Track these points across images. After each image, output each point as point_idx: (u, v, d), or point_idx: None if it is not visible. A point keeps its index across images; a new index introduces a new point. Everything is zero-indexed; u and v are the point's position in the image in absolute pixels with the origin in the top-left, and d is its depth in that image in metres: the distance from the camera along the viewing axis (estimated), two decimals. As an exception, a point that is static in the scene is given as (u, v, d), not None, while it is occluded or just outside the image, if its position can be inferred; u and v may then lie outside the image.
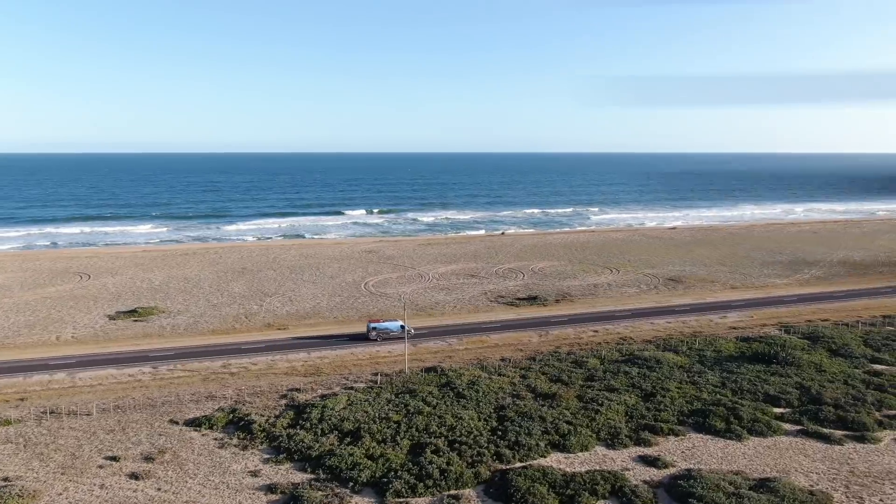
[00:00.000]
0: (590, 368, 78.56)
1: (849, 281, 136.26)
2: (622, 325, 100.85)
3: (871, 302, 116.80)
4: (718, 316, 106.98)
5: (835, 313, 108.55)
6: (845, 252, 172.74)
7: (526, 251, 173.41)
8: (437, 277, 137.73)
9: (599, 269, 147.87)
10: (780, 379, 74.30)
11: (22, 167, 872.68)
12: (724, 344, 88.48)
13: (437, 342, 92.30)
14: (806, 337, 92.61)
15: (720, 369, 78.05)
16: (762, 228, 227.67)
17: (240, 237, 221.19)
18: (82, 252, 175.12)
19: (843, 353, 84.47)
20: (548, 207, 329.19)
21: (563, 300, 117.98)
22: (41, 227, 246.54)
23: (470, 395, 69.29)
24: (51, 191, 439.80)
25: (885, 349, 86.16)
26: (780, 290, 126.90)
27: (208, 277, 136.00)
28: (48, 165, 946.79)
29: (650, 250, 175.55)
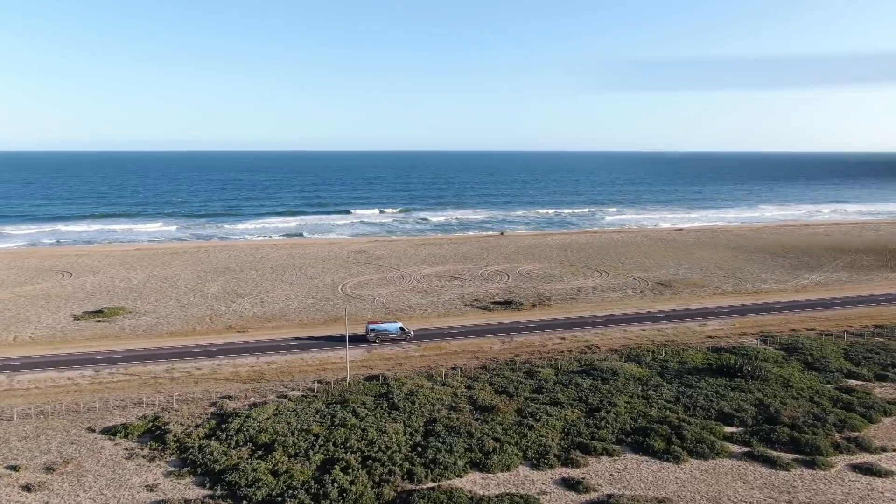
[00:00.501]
0: (541, 379, 74.66)
1: (849, 287, 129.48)
2: (593, 332, 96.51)
3: (867, 310, 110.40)
4: (698, 324, 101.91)
5: (824, 322, 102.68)
6: (853, 256, 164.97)
7: (519, 252, 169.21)
8: (420, 279, 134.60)
9: (589, 272, 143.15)
10: (740, 395, 69.57)
11: (52, 165, 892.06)
12: (692, 354, 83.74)
13: (393, 348, 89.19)
14: (784, 348, 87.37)
15: (679, 382, 73.52)
16: (773, 230, 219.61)
17: (242, 236, 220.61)
18: (76, 250, 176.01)
19: (819, 366, 79.17)
20: (563, 207, 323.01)
21: (540, 305, 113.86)
22: (52, 224, 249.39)
23: (404, 407, 66.07)
24: (74, 188, 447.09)
25: (866, 363, 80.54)
26: (773, 297, 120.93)
27: (188, 277, 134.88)
28: (78, 163, 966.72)
29: (648, 253, 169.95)
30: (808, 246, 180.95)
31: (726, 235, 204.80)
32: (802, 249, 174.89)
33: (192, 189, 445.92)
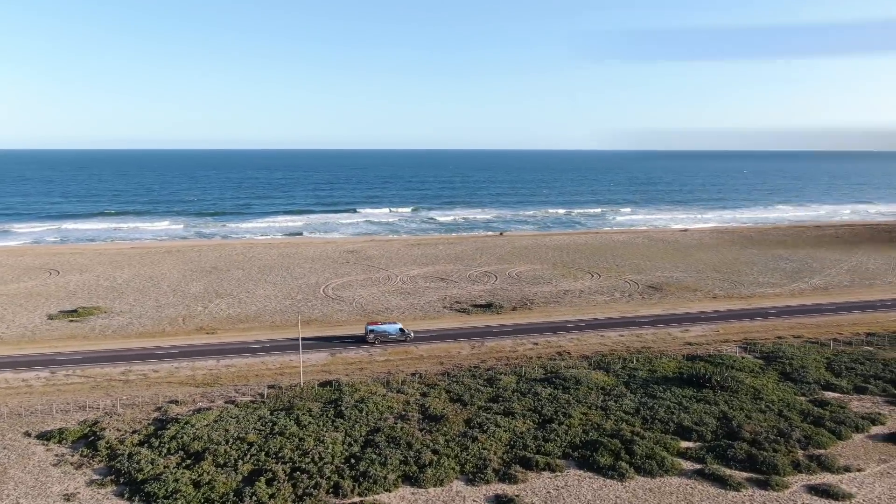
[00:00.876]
0: (501, 387, 71.97)
1: (850, 291, 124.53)
2: (568, 338, 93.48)
3: (863, 316, 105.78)
4: (681, 329, 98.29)
5: (815, 329, 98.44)
6: (860, 259, 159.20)
7: (514, 253, 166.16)
8: (406, 280, 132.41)
9: (581, 274, 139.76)
10: (704, 407, 66.23)
11: (76, 163, 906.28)
12: (664, 363, 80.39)
13: (358, 352, 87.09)
14: (764, 356, 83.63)
15: (644, 393, 70.35)
16: (782, 232, 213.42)
17: (243, 235, 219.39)
18: (71, 248, 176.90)
19: (796, 377, 75.40)
20: (575, 207, 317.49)
21: (521, 308, 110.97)
22: (61, 222, 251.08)
23: (350, 415, 63.92)
24: (92, 186, 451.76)
25: (847, 374, 76.53)
26: (766, 301, 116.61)
27: (173, 276, 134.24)
28: (101, 161, 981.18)
29: (647, 254, 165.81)
30: (814, 248, 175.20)
31: (731, 237, 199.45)
32: (808, 252, 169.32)
33: (207, 187, 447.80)
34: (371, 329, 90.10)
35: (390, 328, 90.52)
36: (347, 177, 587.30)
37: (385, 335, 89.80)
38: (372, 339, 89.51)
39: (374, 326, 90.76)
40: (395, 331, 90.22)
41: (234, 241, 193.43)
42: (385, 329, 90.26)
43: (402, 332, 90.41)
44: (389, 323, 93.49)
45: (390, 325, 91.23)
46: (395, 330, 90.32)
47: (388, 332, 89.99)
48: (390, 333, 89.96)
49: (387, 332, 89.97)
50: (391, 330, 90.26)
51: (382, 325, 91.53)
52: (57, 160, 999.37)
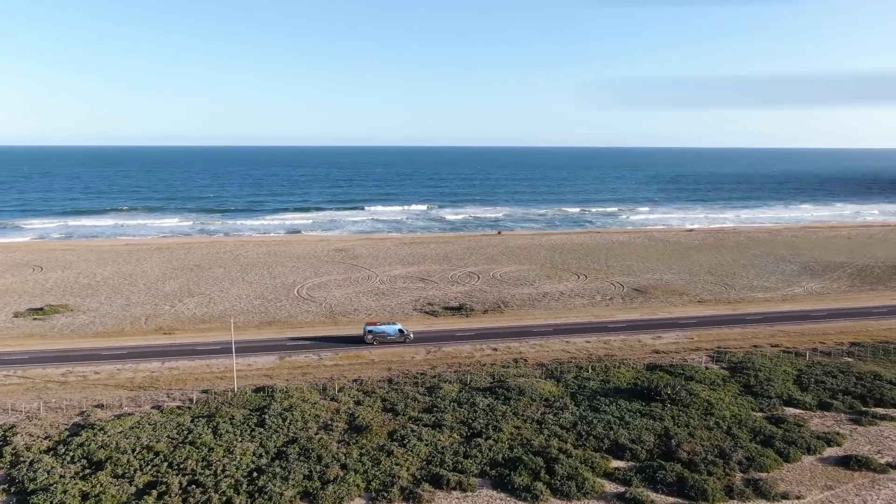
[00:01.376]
0: (440, 396, 68.79)
1: (848, 297, 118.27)
2: (531, 343, 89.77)
3: (852, 324, 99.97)
4: (653, 336, 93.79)
5: (796, 337, 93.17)
6: (867, 261, 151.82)
7: (505, 253, 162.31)
8: (385, 280, 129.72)
9: (567, 275, 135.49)
10: (647, 422, 62.16)
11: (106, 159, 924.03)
12: (621, 373, 76.28)
13: (308, 355, 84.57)
14: (731, 367, 78.98)
15: (588, 406, 66.47)
16: (793, 232, 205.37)
17: (246, 232, 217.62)
18: (64, 244, 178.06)
19: (758, 390, 70.77)
20: (593, 205, 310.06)
21: (493, 311, 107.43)
22: (70, 218, 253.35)
23: (271, 424, 61.40)
24: (114, 182, 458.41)
25: (816, 388, 71.58)
26: (754, 306, 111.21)
27: (153, 274, 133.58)
28: (131, 158, 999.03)
29: (643, 255, 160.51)
30: (822, 250, 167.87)
31: (737, 237, 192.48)
32: (814, 254, 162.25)
33: (227, 184, 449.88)
34: (369, 329, 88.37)
35: (389, 329, 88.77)
36: (368, 174, 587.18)
37: (384, 336, 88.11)
38: (370, 340, 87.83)
39: (372, 327, 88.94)
40: (393, 332, 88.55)
41: (229, 239, 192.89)
42: (383, 330, 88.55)
43: (401, 332, 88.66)
44: (388, 323, 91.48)
45: (389, 326, 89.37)
46: (393, 331, 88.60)
47: (386, 332, 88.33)
48: (389, 334, 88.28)
49: (385, 332, 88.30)
50: (389, 331, 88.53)
51: (381, 325, 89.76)
52: (88, 156, 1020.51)
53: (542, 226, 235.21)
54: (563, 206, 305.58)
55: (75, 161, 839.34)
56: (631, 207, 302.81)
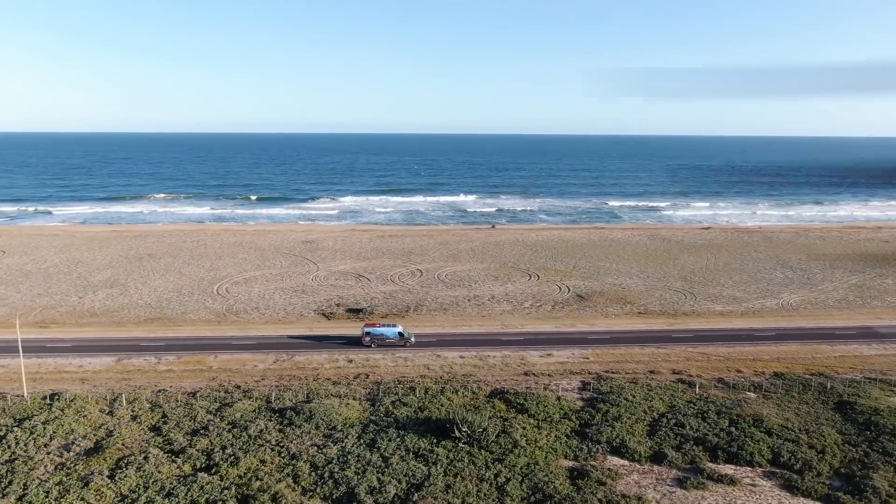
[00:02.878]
0: (222, 416, 61.62)
1: (825, 314, 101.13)
2: (396, 356, 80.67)
3: (799, 349, 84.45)
4: (543, 353, 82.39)
5: (714, 363, 79.36)
6: (882, 271, 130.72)
7: (475, 249, 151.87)
8: (320, 277, 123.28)
9: (519, 276, 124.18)
10: (412, 466, 52.44)
11: (187, 145, 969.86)
12: (452, 399, 66.28)
13: (148, 359, 79.36)
14: (592, 398, 67.35)
15: (370, 439, 57.28)
16: (818, 233, 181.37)
17: (259, 220, 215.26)
18: (57, 229, 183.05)
19: (592, 433, 59.16)
20: (643, 198, 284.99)
21: (396, 315, 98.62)
22: (111, 204, 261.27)
23: (9, 438, 56.29)
24: (178, 169, 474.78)
25: (667, 433, 59.07)
26: (700, 321, 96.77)
27: (99, 262, 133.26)
28: (219, 144, 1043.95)
29: (626, 255, 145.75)
30: (837, 256, 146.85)
31: (750, 238, 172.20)
32: (826, 259, 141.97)
33: (287, 171, 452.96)
34: (367, 331, 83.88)
35: (388, 331, 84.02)
36: (434, 162, 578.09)
37: (382, 338, 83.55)
38: (368, 342, 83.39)
39: (370, 328, 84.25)
40: (392, 334, 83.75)
41: (217, 227, 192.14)
42: (382, 332, 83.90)
43: (400, 335, 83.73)
44: (388, 325, 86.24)
45: (388, 328, 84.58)
46: (392, 333, 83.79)
47: (385, 335, 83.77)
48: (387, 337, 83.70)
49: (384, 335, 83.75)
50: (388, 333, 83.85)
51: (380, 327, 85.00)
52: (171, 143, 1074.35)
53: (566, 219, 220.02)
54: (591, 198, 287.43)
55: (160, 147, 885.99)
56: (670, 201, 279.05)
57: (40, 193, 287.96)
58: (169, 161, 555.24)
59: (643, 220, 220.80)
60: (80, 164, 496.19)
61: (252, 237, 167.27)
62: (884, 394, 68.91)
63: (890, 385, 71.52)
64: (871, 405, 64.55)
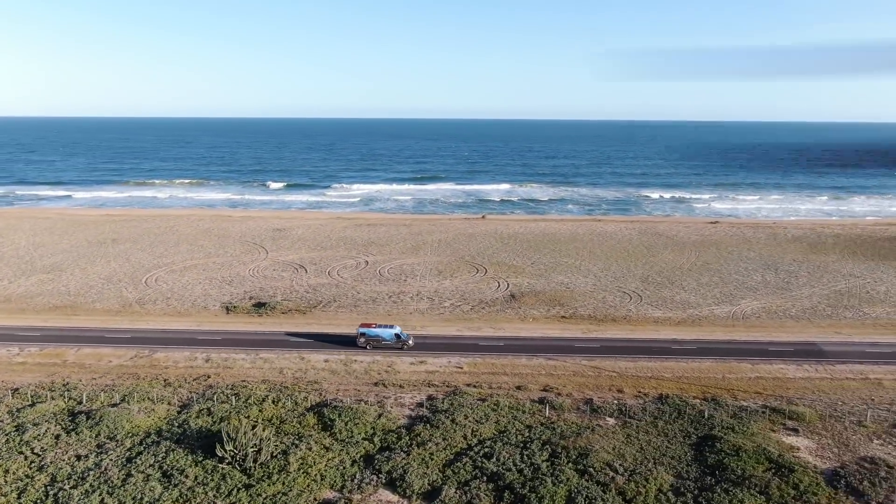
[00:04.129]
0: (18, 417, 58.69)
1: (776, 325, 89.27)
2: (263, 356, 76.04)
3: (712, 366, 74.42)
4: (418, 360, 75.63)
5: (604, 380, 70.83)
6: (881, 276, 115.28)
7: (442, 241, 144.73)
8: (259, 268, 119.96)
9: (464, 271, 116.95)
10: (138, 489, 47.47)
11: (249, 129, 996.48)
12: (269, 409, 60.76)
13: (12, 348, 77.69)
14: (427, 415, 60.20)
15: (132, 454, 52.77)
16: (836, 228, 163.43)
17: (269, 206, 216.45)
18: (48, 211, 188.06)
19: (380, 461, 52.32)
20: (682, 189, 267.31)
21: (298, 311, 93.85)
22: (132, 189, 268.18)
23: None
24: (234, 152, 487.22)
25: (462, 466, 51.51)
26: (626, 330, 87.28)
27: (60, 246, 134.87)
28: (291, 129, 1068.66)
29: (595, 251, 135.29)
30: (839, 256, 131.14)
31: (760, 234, 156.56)
32: (823, 260, 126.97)
33: (330, 157, 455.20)
34: (362, 332, 78.79)
35: (384, 332, 78.55)
36: (489, 149, 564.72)
37: (378, 340, 78.27)
38: (363, 344, 78.53)
39: (366, 329, 79.05)
40: (389, 336, 78.31)
41: (206, 212, 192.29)
42: (378, 333, 78.47)
43: (397, 337, 78.27)
44: (385, 326, 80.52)
45: (385, 329, 79.07)
46: (389, 336, 78.33)
47: (381, 336, 78.28)
48: (384, 339, 78.26)
49: (380, 336, 78.28)
50: (385, 335, 78.35)
51: (376, 327, 79.44)
52: (236, 127, 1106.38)
53: (585, 210, 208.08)
54: (642, 189, 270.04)
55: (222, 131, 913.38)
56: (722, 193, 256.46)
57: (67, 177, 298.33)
58: (228, 146, 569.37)
59: (672, 212, 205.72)
60: (136, 147, 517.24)
61: (228, 224, 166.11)
62: (766, 428, 58.63)
63: (785, 416, 60.97)
64: (736, 443, 54.68)
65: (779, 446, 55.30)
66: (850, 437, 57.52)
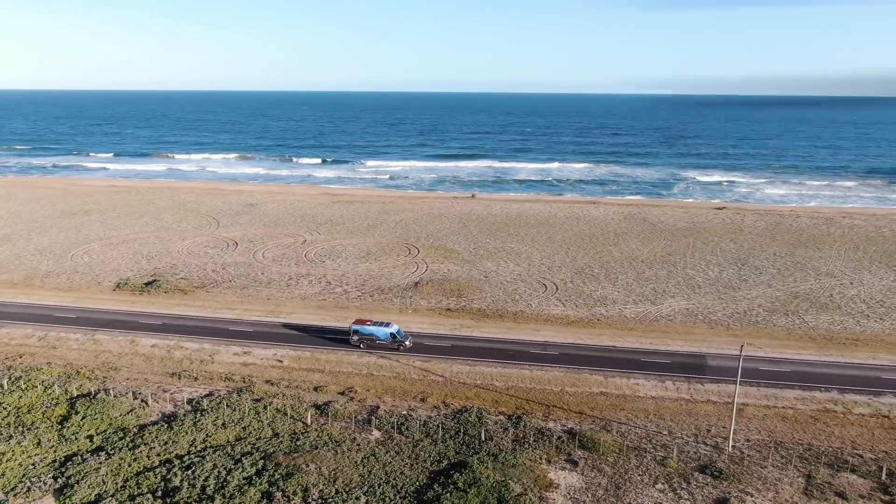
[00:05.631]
0: None
1: (674, 332, 77.75)
2: (94, 337, 74.13)
3: (558, 376, 65.52)
4: (245, 350, 71.27)
5: (422, 385, 64.16)
6: (859, 278, 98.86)
7: (396, 222, 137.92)
8: (194, 244, 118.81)
9: (395, 255, 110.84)
10: None
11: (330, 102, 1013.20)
12: None
13: None
14: (181, 412, 55.84)
15: None
16: (865, 217, 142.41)
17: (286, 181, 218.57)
18: (53, 181, 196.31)
19: (83, 460, 48.50)
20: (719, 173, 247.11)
21: (191, 290, 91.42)
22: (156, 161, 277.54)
23: None
24: (286, 125, 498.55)
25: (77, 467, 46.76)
26: (507, 328, 78.82)
27: (32, 216, 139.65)
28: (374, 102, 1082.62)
29: (553, 237, 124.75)
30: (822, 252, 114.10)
31: (760, 223, 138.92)
32: (817, 256, 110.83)
33: (388, 132, 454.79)
34: (355, 329, 71.40)
35: (378, 331, 70.72)
36: (559, 124, 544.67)
37: (372, 338, 70.78)
38: (356, 342, 71.29)
39: (359, 326, 71.35)
40: (384, 335, 70.40)
41: (205, 185, 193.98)
42: (372, 331, 70.82)
43: (393, 337, 70.35)
44: (380, 324, 72.07)
45: (380, 328, 71.03)
46: (384, 334, 70.42)
47: (375, 335, 70.71)
48: (378, 338, 70.59)
49: (374, 335, 70.72)
50: (379, 333, 70.58)
51: (371, 325, 71.36)
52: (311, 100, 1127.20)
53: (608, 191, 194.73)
54: (686, 170, 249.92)
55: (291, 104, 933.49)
56: (780, 179, 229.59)
57: (116, 149, 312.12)
58: (289, 118, 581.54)
59: (701, 196, 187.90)
60: (191, 119, 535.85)
61: (211, 198, 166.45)
62: (541, 458, 50.00)
63: (576, 445, 51.75)
64: (480, 476, 46.78)
65: (534, 483, 46.90)
66: (632, 478, 48.02)
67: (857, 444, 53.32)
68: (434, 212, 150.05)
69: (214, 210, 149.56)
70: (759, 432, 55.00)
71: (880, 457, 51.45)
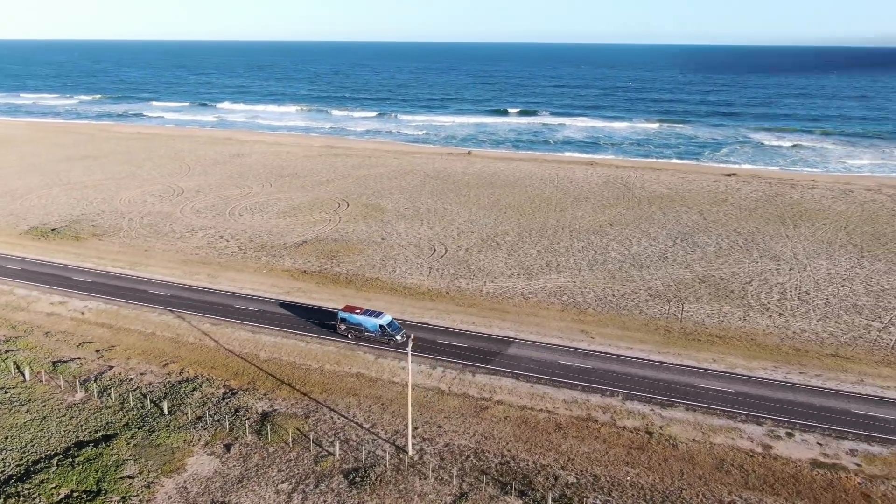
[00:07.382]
0: None
1: (515, 311, 69.41)
2: (-52, 279, 77.58)
3: (232, 335, 59.85)
4: (63, 300, 71.70)
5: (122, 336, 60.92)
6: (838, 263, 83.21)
7: (359, 178, 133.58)
8: (150, 192, 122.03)
9: (326, 213, 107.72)
10: None
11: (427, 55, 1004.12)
12: None
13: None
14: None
15: None
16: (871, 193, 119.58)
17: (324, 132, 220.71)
18: (93, 127, 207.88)
19: None
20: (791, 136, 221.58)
21: (76, 238, 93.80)
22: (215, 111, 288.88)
23: None
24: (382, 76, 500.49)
25: None
26: (329, 294, 74.12)
27: (39, 160, 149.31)
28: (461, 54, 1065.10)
29: (501, 200, 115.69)
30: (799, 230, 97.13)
31: (757, 193, 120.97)
32: (763, 231, 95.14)
33: (448, 83, 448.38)
34: (343, 317, 62.85)
35: (367, 322, 61.39)
36: (628, 77, 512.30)
37: (360, 329, 61.81)
38: (343, 331, 62.80)
39: (347, 315, 62.63)
40: (373, 327, 61.05)
41: (220, 133, 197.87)
42: (360, 321, 61.70)
43: (383, 330, 60.91)
44: (371, 313, 62.45)
45: (369, 318, 61.60)
46: (373, 326, 61.04)
47: (363, 325, 61.51)
48: (366, 329, 61.39)
49: (362, 325, 61.56)
50: (368, 324, 61.29)
51: (361, 314, 62.34)
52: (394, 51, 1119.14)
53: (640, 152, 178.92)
54: (760, 134, 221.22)
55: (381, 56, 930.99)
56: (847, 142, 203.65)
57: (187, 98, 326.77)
58: (385, 69, 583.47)
59: (755, 161, 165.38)
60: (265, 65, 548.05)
61: (208, 147, 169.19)
62: (192, 442, 46.02)
63: (255, 426, 47.16)
64: (112, 451, 43.68)
65: (161, 466, 43.22)
66: (268, 473, 43.00)
67: (575, 464, 44.70)
68: (409, 168, 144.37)
69: (198, 159, 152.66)
70: (471, 437, 47.53)
71: (585, 482, 42.71)
